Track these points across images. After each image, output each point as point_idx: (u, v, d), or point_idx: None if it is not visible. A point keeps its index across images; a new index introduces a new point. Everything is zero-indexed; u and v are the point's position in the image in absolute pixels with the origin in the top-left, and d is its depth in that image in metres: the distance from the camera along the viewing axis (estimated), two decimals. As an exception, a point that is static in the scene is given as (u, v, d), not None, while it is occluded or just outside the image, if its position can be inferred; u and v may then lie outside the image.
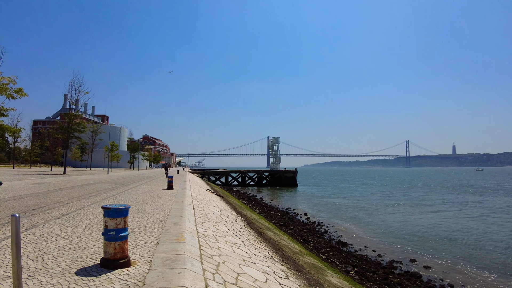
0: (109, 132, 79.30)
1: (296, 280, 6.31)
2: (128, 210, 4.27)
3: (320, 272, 9.03)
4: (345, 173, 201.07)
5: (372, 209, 32.82)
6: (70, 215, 8.35)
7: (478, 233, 20.72)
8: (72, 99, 40.26)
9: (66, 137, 40.94)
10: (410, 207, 33.80)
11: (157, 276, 3.82)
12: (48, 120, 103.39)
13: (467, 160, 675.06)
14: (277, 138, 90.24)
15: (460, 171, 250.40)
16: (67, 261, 4.46)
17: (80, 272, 4.01)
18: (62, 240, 5.66)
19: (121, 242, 4.17)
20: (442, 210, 31.33)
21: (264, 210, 27.09)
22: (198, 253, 5.20)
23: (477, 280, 12.53)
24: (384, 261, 14.53)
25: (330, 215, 28.58)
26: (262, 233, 11.77)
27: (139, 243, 5.52)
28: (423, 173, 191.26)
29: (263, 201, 37.12)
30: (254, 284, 4.72)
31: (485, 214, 28.98)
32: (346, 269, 11.85)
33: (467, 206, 34.25)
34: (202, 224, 8.23)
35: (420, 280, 12.04)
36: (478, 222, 24.85)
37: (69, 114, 40.79)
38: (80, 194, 14.08)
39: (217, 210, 13.17)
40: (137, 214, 8.66)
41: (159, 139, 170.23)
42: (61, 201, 11.37)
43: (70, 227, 6.76)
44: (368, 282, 10.93)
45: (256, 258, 6.69)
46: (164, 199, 12.80)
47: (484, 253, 16.21)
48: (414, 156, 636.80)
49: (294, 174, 70.87)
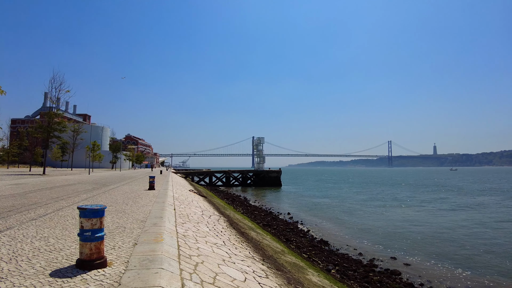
0: (90, 132, 77.71)
1: (276, 279, 6.35)
2: (104, 211, 4.24)
3: (301, 271, 9.12)
4: (328, 173, 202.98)
5: (354, 208, 33.29)
6: (48, 216, 8.18)
7: (451, 231, 21.29)
8: (52, 97, 39.33)
9: (46, 136, 40.02)
10: (390, 206, 34.42)
11: (133, 277, 3.81)
12: (28, 119, 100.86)
13: (447, 160, 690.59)
14: (262, 138, 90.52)
15: (437, 171, 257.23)
16: (42, 263, 4.39)
17: (54, 274, 3.95)
18: (38, 241, 5.56)
19: (97, 243, 4.13)
20: (421, 209, 32.02)
21: (248, 210, 27.15)
22: (176, 253, 5.19)
23: (451, 276, 13.01)
24: (365, 259, 14.78)
25: (313, 214, 28.88)
26: (244, 233, 11.80)
27: (116, 244, 5.47)
28: (403, 173, 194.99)
29: (247, 201, 37.18)
30: (232, 283, 4.74)
31: (456, 212, 29.79)
32: (327, 268, 11.99)
33: (441, 204, 35.11)
34: (183, 225, 8.20)
35: (399, 278, 12.33)
36: (447, 219, 25.53)
37: (49, 113, 39.90)
38: (59, 195, 13.80)
39: (199, 210, 13.12)
40: (116, 215, 8.56)
41: (142, 139, 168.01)
42: (38, 202, 11.12)
43: (47, 229, 6.64)
44: (349, 280, 11.09)
45: (236, 258, 6.72)
46: (145, 199, 12.68)
47: (458, 250, 16.73)
48: (396, 156, 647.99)
49: (278, 174, 71.18)
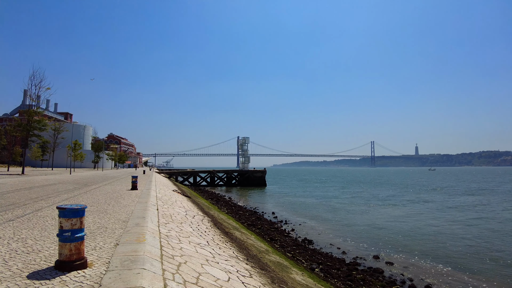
0: (72, 131, 76.31)
1: (260, 278, 6.36)
2: (84, 210, 4.15)
3: (285, 270, 9.15)
4: (313, 173, 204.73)
5: (338, 207, 33.65)
6: (26, 217, 7.97)
7: (432, 229, 21.77)
8: (32, 95, 38.50)
9: (25, 135, 39.11)
10: (373, 205, 34.93)
11: (114, 277, 3.74)
12: (6, 117, 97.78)
13: (428, 160, 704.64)
14: (247, 138, 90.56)
15: (417, 171, 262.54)
16: (19, 265, 4.26)
17: (32, 276, 3.84)
18: (15, 243, 5.40)
19: (77, 243, 4.04)
20: (402, 207, 32.63)
21: (233, 210, 27.10)
22: (159, 254, 5.13)
23: (432, 272, 13.32)
24: (348, 258, 14.95)
25: (297, 214, 29.07)
26: (229, 233, 11.77)
27: (98, 244, 5.37)
28: (385, 173, 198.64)
29: (231, 201, 37.12)
30: (216, 283, 4.72)
31: (438, 211, 30.51)
32: (311, 267, 12.07)
33: (421, 204, 35.88)
34: (166, 225, 8.11)
35: (382, 276, 12.51)
36: (426, 217, 26.11)
37: (28, 110, 38.98)
38: (39, 195, 13.46)
39: (182, 210, 13.02)
40: (98, 215, 8.41)
41: (125, 138, 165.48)
42: (17, 202, 10.81)
43: (24, 230, 6.45)
44: (333, 279, 11.18)
45: (220, 257, 6.69)
46: (127, 199, 12.50)
47: (439, 248, 17.13)
48: (379, 157, 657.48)
49: (263, 174, 71.28)
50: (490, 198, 42.69)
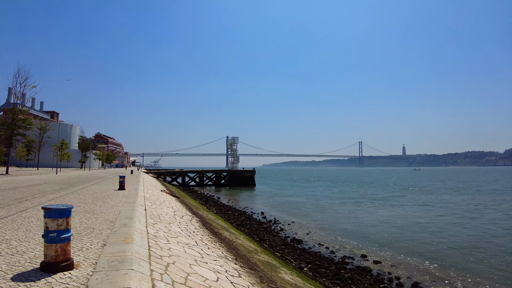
0: (58, 130, 74.75)
1: (249, 278, 6.36)
2: (71, 211, 4.08)
3: (274, 270, 9.17)
4: (301, 173, 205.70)
5: (326, 207, 33.90)
6: (10, 217, 7.80)
7: (417, 227, 22.10)
8: (16, 93, 37.66)
9: (10, 134, 38.38)
10: (360, 205, 35.26)
11: (101, 278, 3.69)
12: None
13: (415, 160, 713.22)
14: (236, 138, 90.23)
15: (402, 171, 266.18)
16: (3, 267, 4.16)
17: (16, 278, 3.76)
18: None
19: (63, 244, 3.97)
20: (391, 206, 33.03)
21: (222, 210, 27.06)
22: (147, 254, 5.08)
23: (419, 270, 13.58)
24: (336, 257, 15.07)
25: (286, 213, 29.18)
26: (218, 233, 11.74)
27: (85, 245, 5.29)
28: (372, 173, 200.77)
29: (220, 201, 37.05)
30: (204, 283, 4.70)
31: (426, 210, 30.99)
32: (300, 266, 12.13)
33: (407, 202, 36.39)
34: (154, 225, 8.05)
35: (370, 274, 12.65)
36: (412, 215, 26.51)
37: (13, 109, 38.27)
38: (24, 195, 13.20)
39: (171, 211, 12.94)
40: (85, 216, 8.29)
41: (113, 138, 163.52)
42: (0, 203, 10.58)
43: (9, 231, 6.32)
44: (321, 278, 11.26)
45: (208, 258, 6.66)
46: (114, 200, 12.36)
47: (425, 246, 17.44)
48: (366, 157, 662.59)
49: (252, 174, 71.30)
50: (474, 197, 43.57)
